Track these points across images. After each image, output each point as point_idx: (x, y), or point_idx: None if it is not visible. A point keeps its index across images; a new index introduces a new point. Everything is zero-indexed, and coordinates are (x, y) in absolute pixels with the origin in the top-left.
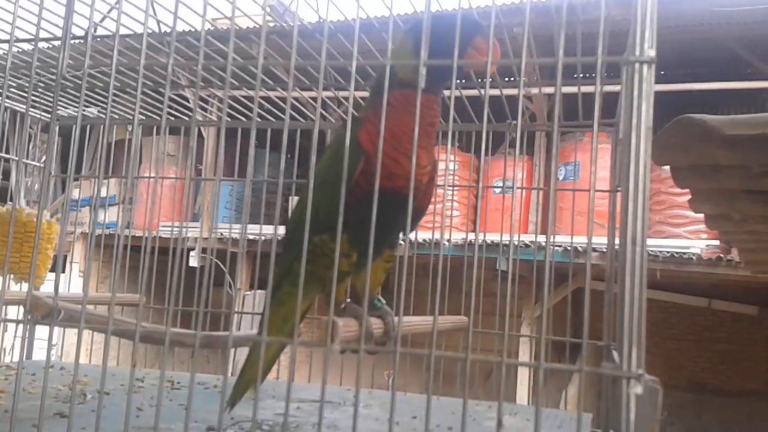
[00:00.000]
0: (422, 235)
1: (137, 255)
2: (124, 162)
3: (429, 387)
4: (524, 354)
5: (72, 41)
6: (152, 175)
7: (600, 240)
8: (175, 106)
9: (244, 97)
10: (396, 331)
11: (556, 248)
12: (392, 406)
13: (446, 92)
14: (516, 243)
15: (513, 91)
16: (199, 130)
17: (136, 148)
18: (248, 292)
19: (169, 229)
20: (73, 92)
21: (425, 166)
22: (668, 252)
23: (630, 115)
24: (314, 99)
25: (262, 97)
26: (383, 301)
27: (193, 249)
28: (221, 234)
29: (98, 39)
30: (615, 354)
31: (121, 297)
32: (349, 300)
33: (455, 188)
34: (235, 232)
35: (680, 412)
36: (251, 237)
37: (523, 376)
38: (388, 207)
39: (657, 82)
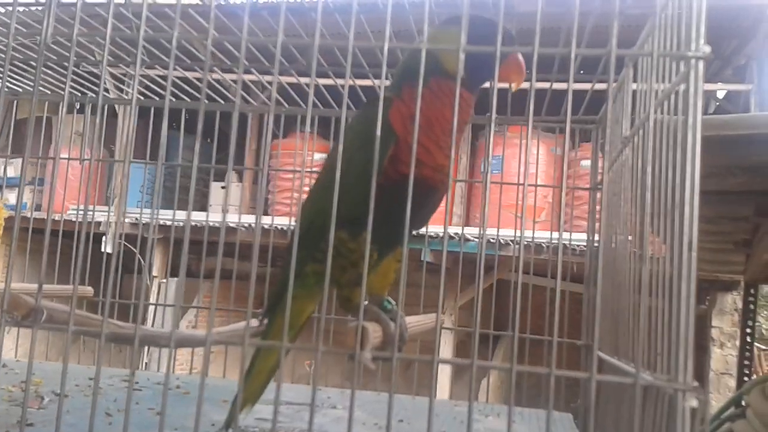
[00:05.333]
0: None
1: (41, 238)
2: (28, 141)
3: (471, 397)
4: (446, 344)
5: None
6: (63, 156)
7: (526, 233)
8: (87, 83)
9: (160, 76)
10: (404, 335)
11: (476, 240)
12: (431, 416)
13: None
14: (441, 234)
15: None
16: (113, 109)
17: (31, 124)
18: (164, 280)
19: (79, 212)
20: None
21: (451, 157)
22: (585, 245)
23: (686, 114)
24: (236, 81)
25: (180, 78)
26: (393, 303)
27: (105, 234)
28: (135, 219)
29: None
30: (602, 355)
31: (50, 288)
32: (366, 302)
33: None
34: (147, 216)
35: None
36: (167, 223)
37: (444, 366)
38: (413, 198)
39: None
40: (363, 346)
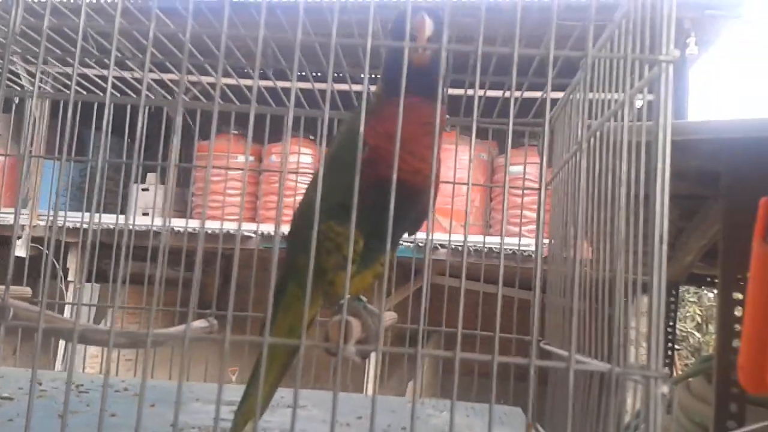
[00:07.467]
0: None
1: None
2: None
3: (455, 392)
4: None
5: None
6: None
7: (443, 236)
8: None
9: (97, 76)
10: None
11: (407, 244)
12: (453, 410)
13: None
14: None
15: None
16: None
17: None
18: (79, 285)
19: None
20: None
21: (429, 162)
22: (510, 249)
23: (657, 117)
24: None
25: (116, 77)
26: (365, 300)
27: (19, 237)
28: (53, 221)
29: None
30: (550, 348)
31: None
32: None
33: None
34: (68, 220)
35: None
36: (86, 226)
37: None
38: (396, 199)
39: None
40: (346, 340)
